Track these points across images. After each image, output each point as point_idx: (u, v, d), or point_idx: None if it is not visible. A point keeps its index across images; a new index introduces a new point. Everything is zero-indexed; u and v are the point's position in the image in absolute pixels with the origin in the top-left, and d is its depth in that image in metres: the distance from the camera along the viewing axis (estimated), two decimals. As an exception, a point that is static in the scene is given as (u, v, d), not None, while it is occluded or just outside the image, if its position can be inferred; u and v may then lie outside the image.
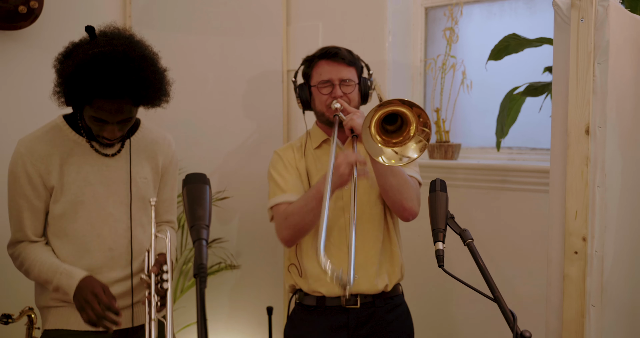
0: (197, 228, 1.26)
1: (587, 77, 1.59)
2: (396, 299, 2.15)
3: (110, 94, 1.75)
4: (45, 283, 1.91)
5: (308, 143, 2.21)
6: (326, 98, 2.11)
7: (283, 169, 2.15)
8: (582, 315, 1.62)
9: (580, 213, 1.61)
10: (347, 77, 2.12)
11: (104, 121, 1.82)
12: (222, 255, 3.14)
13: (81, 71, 1.73)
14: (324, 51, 2.15)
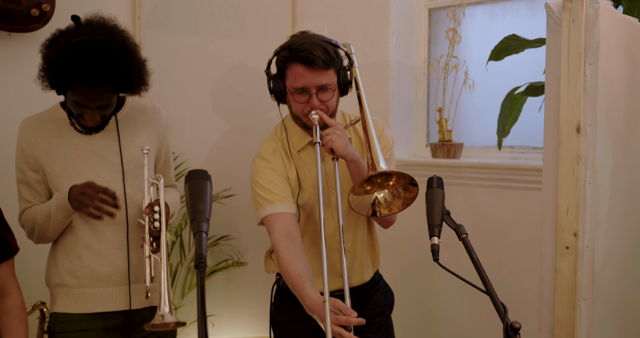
0: (198, 221, 1.33)
1: (578, 78, 1.64)
2: (375, 278, 2.23)
3: (91, 82, 1.85)
4: (48, 218, 1.98)
5: (290, 144, 2.09)
6: (303, 107, 1.98)
7: (275, 177, 2.06)
8: (574, 309, 1.66)
9: (571, 209, 1.65)
10: (324, 84, 1.95)
11: (85, 105, 1.93)
12: (229, 252, 3.20)
13: (64, 58, 1.83)
14: (300, 55, 1.92)
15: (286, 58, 1.97)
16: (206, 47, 3.20)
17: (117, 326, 2.05)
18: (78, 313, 2.03)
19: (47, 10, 2.78)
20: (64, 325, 2.04)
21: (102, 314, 2.04)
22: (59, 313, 2.05)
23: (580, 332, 1.65)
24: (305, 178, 2.07)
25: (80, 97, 1.89)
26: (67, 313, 2.04)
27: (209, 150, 3.20)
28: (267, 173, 2.05)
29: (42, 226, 2.01)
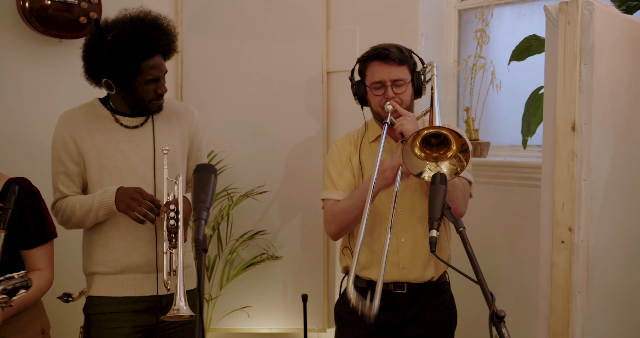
0: (199, 210, 1.46)
1: (574, 77, 1.69)
2: (442, 286, 2.26)
3: (152, 52, 2.09)
4: (88, 213, 2.13)
5: (365, 135, 2.31)
6: (379, 99, 2.19)
7: (339, 163, 2.27)
8: (569, 301, 1.71)
9: (566, 204, 1.70)
10: (398, 78, 2.17)
11: (157, 78, 2.14)
12: (264, 246, 3.34)
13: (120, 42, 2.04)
14: (376, 52, 2.20)
15: (365, 58, 2.24)
16: (244, 50, 3.35)
17: (146, 309, 2.21)
18: (110, 296, 2.20)
19: (94, 18, 2.97)
20: (97, 307, 2.22)
21: (132, 298, 2.20)
22: (94, 297, 2.23)
23: (575, 323, 1.71)
24: (372, 165, 2.21)
25: (152, 72, 2.11)
26: (100, 296, 2.21)
27: (245, 148, 3.35)
28: (335, 158, 2.29)
29: (80, 218, 2.16)
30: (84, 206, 2.14)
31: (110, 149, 2.18)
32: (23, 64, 2.94)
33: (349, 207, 2.13)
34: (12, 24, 2.89)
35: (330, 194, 2.24)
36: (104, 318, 2.20)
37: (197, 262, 1.36)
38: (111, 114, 2.23)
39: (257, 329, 3.36)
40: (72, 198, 2.19)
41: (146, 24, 2.10)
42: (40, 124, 2.97)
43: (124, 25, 2.08)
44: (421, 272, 2.18)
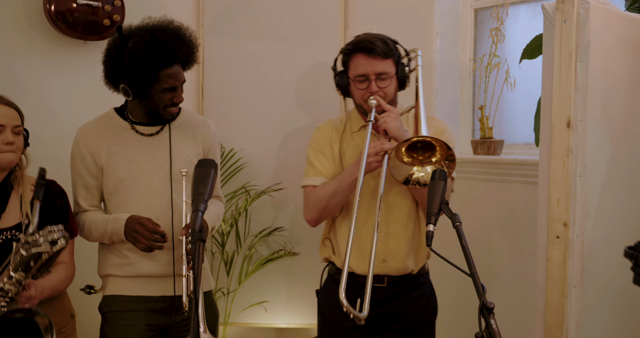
0: (197, 202, 1.53)
1: (569, 75, 1.71)
2: (421, 278, 2.29)
3: (171, 62, 2.12)
4: (103, 236, 2.21)
5: (348, 125, 2.30)
6: (363, 93, 2.18)
7: (318, 149, 2.28)
8: (564, 295, 1.74)
9: (561, 200, 1.73)
10: (382, 71, 2.15)
11: (174, 87, 2.16)
12: (283, 242, 3.41)
13: (139, 50, 2.08)
14: (361, 44, 2.16)
15: (349, 50, 2.21)
16: (263, 51, 3.42)
17: (160, 309, 2.25)
18: (125, 295, 2.25)
19: (117, 20, 3.08)
20: (112, 305, 2.26)
21: (146, 297, 2.24)
22: (109, 296, 2.28)
23: (570, 317, 1.73)
24: (352, 155, 2.25)
25: (169, 81, 2.13)
26: (115, 295, 2.26)
27: (264, 147, 3.42)
28: (316, 144, 2.30)
29: (97, 238, 2.25)
30: (98, 230, 2.21)
31: (125, 160, 2.22)
32: (50, 65, 3.05)
33: (332, 193, 2.14)
34: (40, 27, 3.00)
35: (311, 180, 2.25)
36: (118, 316, 2.24)
37: (194, 251, 1.43)
38: (127, 123, 2.27)
39: (274, 324, 3.43)
40: (89, 217, 2.24)
41: (166, 33, 2.13)
42: (66, 124, 3.07)
43: (145, 33, 2.12)
44: (401, 265, 2.21)
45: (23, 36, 2.98)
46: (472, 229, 2.87)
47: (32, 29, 3.00)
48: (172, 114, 2.24)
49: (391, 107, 2.16)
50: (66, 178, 2.93)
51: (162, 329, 2.27)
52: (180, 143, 2.28)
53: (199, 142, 2.34)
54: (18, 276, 1.86)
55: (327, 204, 2.17)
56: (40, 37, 3.02)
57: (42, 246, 1.78)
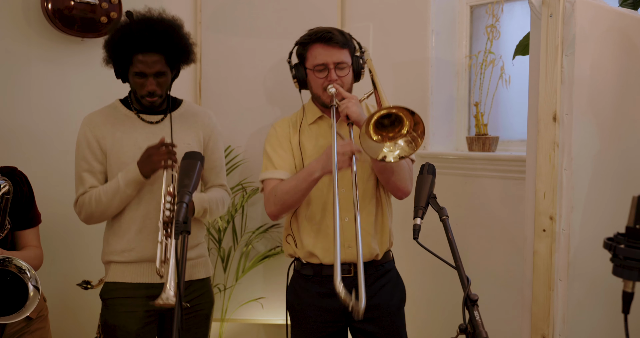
0: (181, 194, 1.55)
1: (555, 68, 1.72)
2: (387, 265, 2.32)
3: (146, 48, 2.20)
4: (115, 194, 2.24)
5: (304, 118, 2.34)
6: (322, 82, 2.23)
7: (277, 144, 2.30)
8: (550, 288, 1.74)
9: (547, 194, 1.73)
10: (341, 60, 2.21)
11: (144, 74, 2.23)
12: (279, 239, 3.42)
13: (123, 30, 2.22)
14: (319, 35, 2.22)
15: (306, 41, 2.27)
16: (261, 48, 3.44)
17: (158, 295, 2.29)
18: (125, 282, 2.32)
19: (114, 18, 3.11)
20: (112, 292, 2.34)
21: (145, 284, 2.32)
22: (109, 282, 2.36)
23: (556, 310, 1.73)
24: (312, 147, 2.28)
25: (140, 66, 2.22)
26: (116, 282, 2.34)
27: (261, 144, 3.40)
28: (273, 140, 2.33)
29: (107, 204, 2.26)
30: (109, 192, 2.25)
31: (129, 145, 2.30)
32: (48, 63, 3.08)
33: (292, 189, 2.16)
34: (37, 24, 3.03)
35: (270, 174, 2.27)
36: (119, 302, 2.32)
37: (175, 242, 1.44)
38: (132, 112, 2.36)
39: (271, 320, 3.44)
40: (94, 191, 2.29)
41: (150, 21, 2.25)
42: (64, 121, 3.11)
43: (133, 18, 2.25)
44: (366, 250, 2.22)
45: (21, 34, 3.01)
46: (466, 225, 2.88)
47: (30, 26, 3.03)
48: (150, 104, 2.31)
49: (351, 94, 2.20)
50: (63, 173, 2.96)
51: (160, 314, 2.35)
52: (181, 131, 2.36)
53: (199, 130, 2.42)
54: None
55: (286, 201, 2.19)
56: (37, 35, 3.04)
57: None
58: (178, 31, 2.29)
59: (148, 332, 2.32)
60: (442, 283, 2.92)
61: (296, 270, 2.37)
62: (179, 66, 2.36)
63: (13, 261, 1.89)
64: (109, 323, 2.32)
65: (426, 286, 2.97)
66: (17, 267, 1.89)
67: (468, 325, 1.54)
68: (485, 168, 2.89)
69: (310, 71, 2.26)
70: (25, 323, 2.20)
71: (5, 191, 1.97)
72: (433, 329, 2.90)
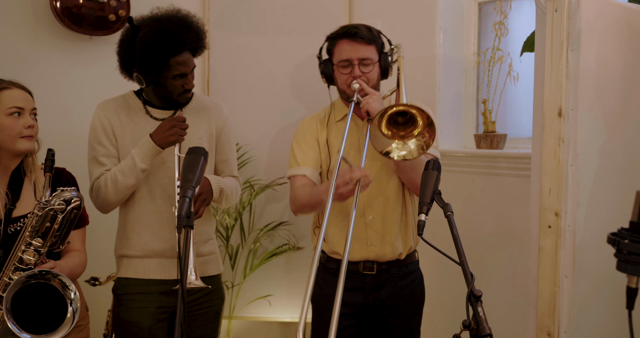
0: (185, 188, 1.55)
1: (561, 64, 1.71)
2: (410, 266, 2.31)
3: (180, 49, 2.19)
4: (132, 171, 2.21)
5: (332, 114, 2.36)
6: (346, 77, 2.23)
7: (302, 141, 2.33)
8: (555, 285, 1.73)
9: (553, 190, 1.72)
10: (365, 56, 2.20)
11: (184, 74, 2.23)
12: (287, 237, 3.42)
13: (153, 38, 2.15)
14: (345, 30, 2.24)
15: (334, 37, 2.29)
16: (268, 46, 3.44)
17: (170, 291, 2.31)
18: (137, 278, 2.32)
19: (122, 16, 3.12)
20: (125, 288, 2.34)
21: (157, 280, 2.32)
22: (122, 278, 2.36)
23: (562, 307, 1.72)
24: (338, 144, 2.27)
25: (179, 67, 2.21)
26: (128, 277, 2.34)
27: (269, 142, 3.44)
28: (299, 137, 2.35)
29: (123, 183, 2.22)
30: (125, 170, 2.22)
31: (140, 137, 2.28)
32: (56, 60, 3.09)
33: (306, 203, 2.20)
34: (46, 23, 3.04)
35: (294, 170, 2.30)
36: (131, 298, 2.32)
37: (180, 237, 1.45)
38: (143, 106, 2.36)
39: (279, 318, 3.44)
40: (109, 173, 2.27)
41: (173, 22, 2.22)
42: (73, 118, 3.12)
43: (153, 23, 2.20)
44: (389, 249, 2.23)
45: (30, 32, 3.03)
46: (474, 223, 2.87)
47: (39, 24, 3.04)
48: (187, 100, 2.34)
49: (373, 91, 2.20)
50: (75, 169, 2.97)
51: (173, 310, 2.34)
52: (192, 125, 2.33)
53: (212, 123, 2.42)
54: (36, 242, 1.89)
55: (302, 208, 2.25)
56: (46, 33, 3.06)
57: (56, 206, 1.83)
58: (198, 24, 2.30)
59: (160, 328, 2.32)
60: (446, 279, 2.91)
61: (321, 262, 2.38)
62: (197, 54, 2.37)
63: (59, 276, 1.84)
64: (121, 319, 2.33)
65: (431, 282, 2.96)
66: (62, 283, 1.86)
67: (472, 321, 1.54)
68: (493, 165, 2.88)
69: (335, 66, 2.27)
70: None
71: (76, 206, 1.94)
72: (437, 325, 2.89)
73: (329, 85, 2.39)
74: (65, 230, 1.94)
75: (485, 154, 2.92)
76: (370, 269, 2.25)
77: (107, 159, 2.30)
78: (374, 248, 2.24)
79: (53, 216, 1.89)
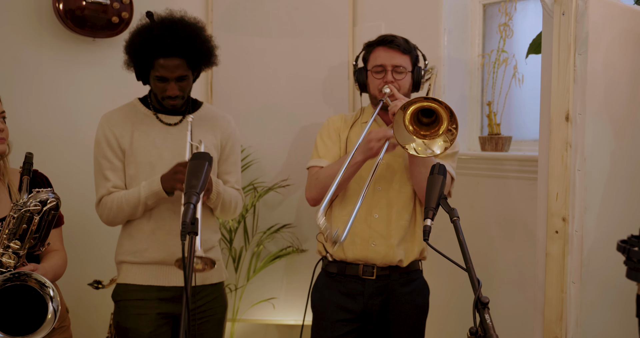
0: (189, 194, 1.53)
1: (568, 67, 1.69)
2: (412, 274, 2.31)
3: (168, 53, 2.16)
4: (137, 205, 2.22)
5: (360, 117, 2.40)
6: (379, 82, 2.27)
7: (326, 135, 2.37)
8: (563, 291, 1.71)
9: (560, 195, 1.71)
10: (399, 64, 2.27)
11: (165, 78, 2.21)
12: (290, 239, 3.41)
13: (144, 34, 2.18)
14: (382, 38, 2.31)
15: (371, 45, 2.35)
16: (272, 48, 3.42)
17: (171, 297, 2.30)
18: (136, 284, 2.30)
19: (126, 18, 3.11)
20: (124, 294, 2.32)
21: (157, 287, 2.29)
22: (121, 284, 2.34)
23: (569, 313, 1.71)
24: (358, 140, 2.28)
25: (161, 70, 2.18)
26: (127, 283, 2.32)
27: (272, 144, 3.42)
28: (323, 131, 2.40)
29: (129, 212, 2.24)
30: (130, 201, 2.22)
31: (146, 146, 2.28)
32: (59, 62, 3.08)
33: (334, 173, 2.14)
34: (49, 25, 3.03)
35: (314, 162, 2.34)
36: (130, 304, 2.30)
37: (184, 245, 1.43)
38: (151, 111, 2.34)
39: (283, 320, 3.43)
40: (116, 195, 2.25)
41: (171, 23, 2.20)
42: (75, 121, 3.11)
43: (153, 21, 2.22)
44: (390, 252, 2.23)
45: (33, 34, 3.02)
46: (479, 226, 2.85)
47: (41, 26, 3.03)
48: (171, 107, 2.30)
49: (403, 97, 2.22)
50: (73, 175, 2.95)
51: (174, 317, 2.32)
52: (199, 133, 2.32)
53: (217, 134, 2.40)
54: (14, 245, 1.88)
55: (327, 185, 2.19)
56: (49, 35, 3.05)
57: (32, 206, 1.82)
58: (200, 35, 2.25)
59: (161, 335, 2.29)
60: (452, 285, 2.90)
61: (323, 268, 2.39)
62: (200, 68, 2.34)
63: (32, 275, 1.83)
64: (121, 326, 2.31)
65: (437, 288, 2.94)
66: (38, 282, 1.85)
67: (479, 328, 1.52)
68: (498, 168, 2.86)
69: (369, 72, 2.32)
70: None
71: (52, 206, 1.93)
72: (444, 332, 2.88)
73: (362, 93, 2.42)
74: (44, 231, 1.93)
75: (490, 156, 2.90)
76: (370, 274, 2.26)
77: (113, 173, 2.29)
78: (374, 248, 2.24)
79: (29, 217, 1.88)
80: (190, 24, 2.25)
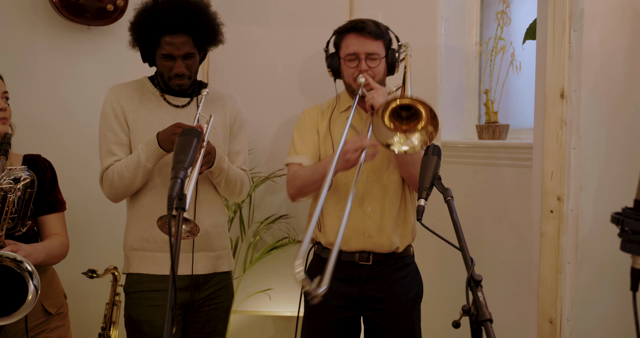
0: (176, 169, 1.50)
1: (563, 44, 1.67)
2: (406, 259, 2.30)
3: (174, 29, 2.13)
4: (137, 169, 2.15)
5: (337, 106, 2.36)
6: (352, 71, 2.23)
7: (303, 130, 2.33)
8: (558, 271, 1.69)
9: (555, 173, 1.68)
10: (372, 51, 2.21)
11: (172, 56, 2.17)
12: (287, 230, 3.38)
13: (149, 11, 2.14)
14: (352, 25, 2.23)
15: (342, 31, 2.28)
16: (269, 37, 3.40)
17: (184, 287, 2.26)
18: (149, 274, 2.25)
19: (120, 5, 3.09)
20: (137, 285, 2.26)
21: (169, 276, 2.24)
22: (133, 274, 2.28)
23: (564, 294, 1.68)
24: (340, 135, 2.21)
25: (167, 47, 2.15)
26: (140, 273, 2.26)
27: (270, 133, 3.40)
28: (300, 125, 2.36)
29: (130, 179, 2.17)
30: (130, 166, 2.16)
31: (154, 124, 2.23)
32: (54, 51, 3.06)
33: (308, 179, 2.18)
34: (44, 13, 3.01)
35: (292, 158, 2.31)
36: (144, 295, 2.24)
37: (169, 220, 1.39)
38: (159, 92, 2.30)
39: (279, 312, 3.40)
40: (117, 164, 2.20)
41: (180, 0, 2.16)
42: (71, 109, 3.09)
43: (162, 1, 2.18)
44: (387, 241, 2.21)
45: (27, 22, 3.00)
46: (476, 214, 2.83)
47: (36, 14, 3.01)
48: (178, 87, 2.26)
49: (379, 85, 2.19)
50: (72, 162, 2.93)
51: (185, 305, 2.29)
52: (207, 114, 2.27)
53: (226, 113, 2.38)
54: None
55: (302, 188, 2.22)
56: (44, 23, 3.03)
57: (4, 184, 1.78)
58: (205, 11, 2.23)
59: (175, 325, 2.25)
60: (446, 269, 2.88)
61: (316, 253, 2.36)
62: (207, 47, 2.31)
63: (4, 255, 1.76)
64: (133, 319, 2.24)
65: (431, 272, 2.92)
66: (13, 260, 1.77)
67: (471, 307, 1.50)
68: (495, 156, 2.83)
69: (342, 60, 2.27)
70: (44, 319, 2.12)
71: (27, 183, 1.88)
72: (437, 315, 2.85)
73: (335, 79, 2.38)
74: (22, 211, 1.89)
75: (488, 144, 2.87)
76: (366, 260, 2.24)
77: (119, 147, 2.24)
78: (371, 239, 2.23)
79: (3, 196, 1.83)
80: (196, 0, 2.22)
